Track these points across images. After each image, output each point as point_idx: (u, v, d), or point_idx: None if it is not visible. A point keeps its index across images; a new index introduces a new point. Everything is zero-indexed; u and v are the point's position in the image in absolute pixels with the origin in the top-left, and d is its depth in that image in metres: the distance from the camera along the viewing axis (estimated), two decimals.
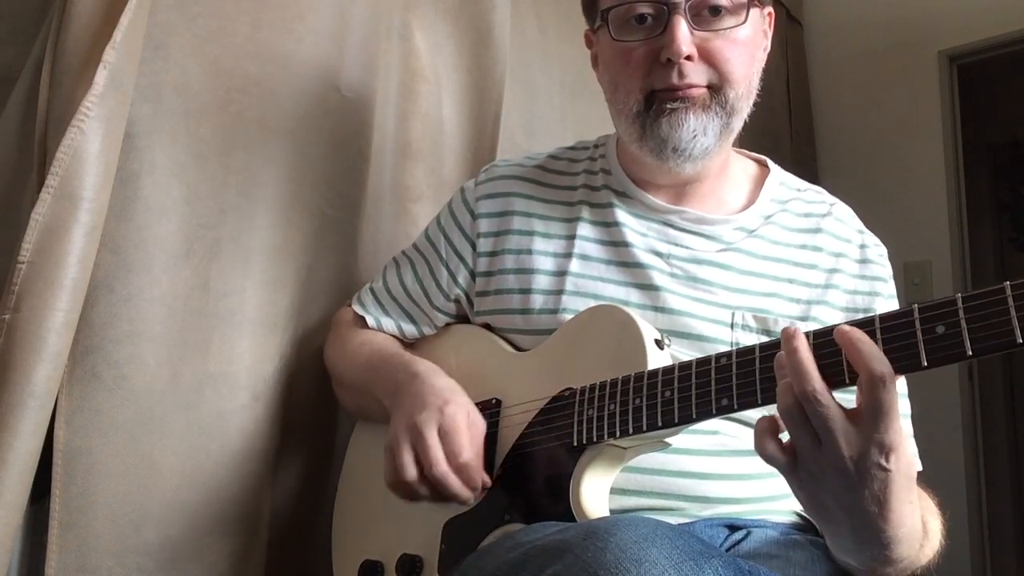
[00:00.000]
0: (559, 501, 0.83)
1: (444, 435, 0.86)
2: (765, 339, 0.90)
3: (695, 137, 0.91)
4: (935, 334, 0.63)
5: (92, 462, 1.00)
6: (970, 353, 0.62)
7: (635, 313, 0.87)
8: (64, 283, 0.91)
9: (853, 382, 0.65)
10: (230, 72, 1.12)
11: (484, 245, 1.05)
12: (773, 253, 0.99)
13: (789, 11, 2.50)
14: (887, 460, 0.64)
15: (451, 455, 0.85)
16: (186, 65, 1.09)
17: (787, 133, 2.44)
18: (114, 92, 0.95)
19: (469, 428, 0.88)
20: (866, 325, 0.67)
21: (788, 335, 0.67)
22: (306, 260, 1.20)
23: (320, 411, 1.23)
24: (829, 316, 0.96)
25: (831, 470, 0.65)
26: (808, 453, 0.66)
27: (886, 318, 0.66)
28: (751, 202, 1.02)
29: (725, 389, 0.73)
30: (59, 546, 0.97)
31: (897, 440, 0.64)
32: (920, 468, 0.93)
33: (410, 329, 1.12)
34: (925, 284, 2.30)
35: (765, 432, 0.69)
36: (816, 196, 1.07)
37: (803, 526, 0.90)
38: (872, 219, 1.07)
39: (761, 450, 0.69)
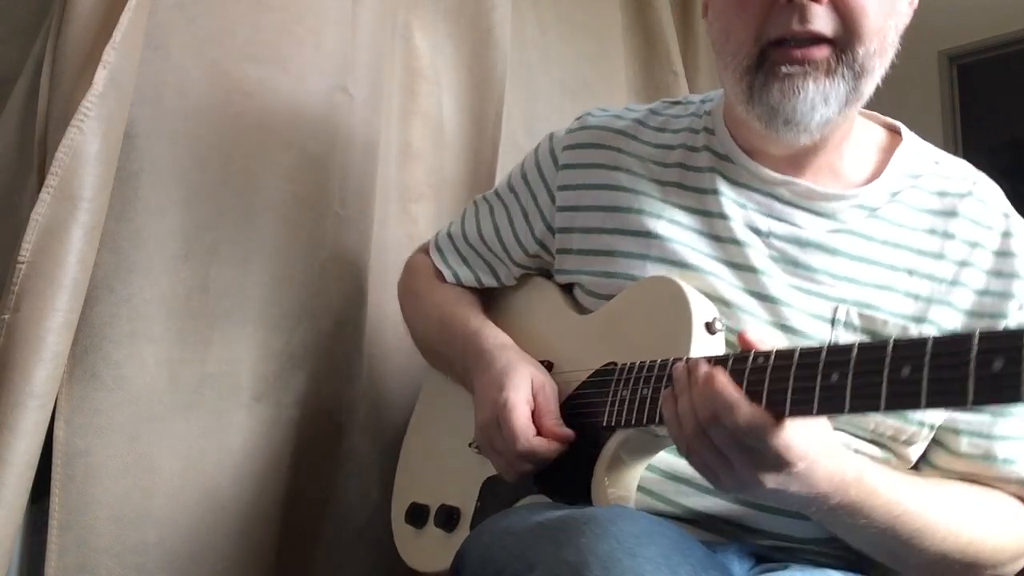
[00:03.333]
0: (583, 479, 0.80)
1: (502, 426, 0.84)
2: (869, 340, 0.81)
3: (814, 108, 0.79)
4: (990, 369, 0.54)
5: (92, 462, 1.00)
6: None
7: (690, 290, 0.79)
8: (64, 283, 0.91)
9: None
10: (230, 73, 1.12)
11: (566, 199, 0.96)
12: (894, 237, 0.85)
13: None
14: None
15: (511, 443, 0.83)
16: (186, 65, 1.09)
17: None
18: (114, 92, 0.95)
19: (527, 403, 0.85)
20: (918, 345, 0.59)
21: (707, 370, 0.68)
22: (315, 259, 1.20)
23: (324, 412, 1.22)
24: (950, 320, 0.83)
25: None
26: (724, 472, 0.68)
27: (940, 341, 0.58)
28: (876, 175, 0.88)
29: (757, 393, 0.65)
30: (59, 546, 0.97)
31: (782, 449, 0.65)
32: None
33: (488, 279, 1.07)
34: None
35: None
36: (957, 171, 0.91)
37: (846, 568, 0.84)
38: None
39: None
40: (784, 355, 0.66)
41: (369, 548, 1.23)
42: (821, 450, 0.67)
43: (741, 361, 0.68)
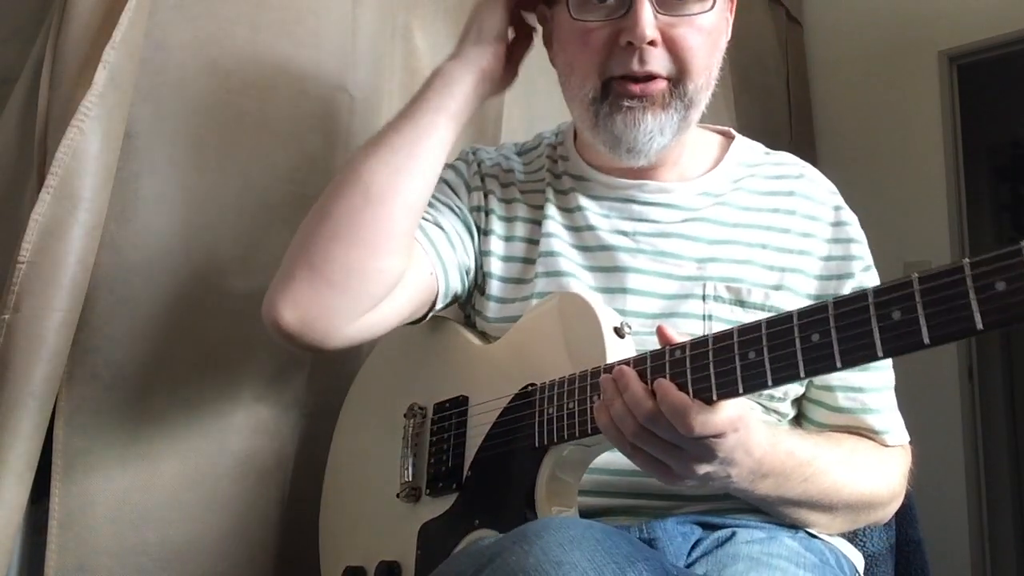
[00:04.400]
0: (525, 505, 0.80)
1: None
2: (739, 310, 0.90)
3: (651, 139, 0.88)
4: (891, 320, 0.58)
5: (92, 462, 1.00)
6: (927, 342, 0.57)
7: (594, 300, 0.84)
8: (64, 283, 0.91)
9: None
10: (229, 73, 1.12)
11: (478, 220, 1.01)
12: (744, 219, 0.95)
13: (789, 11, 2.51)
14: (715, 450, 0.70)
15: None
16: (186, 66, 1.09)
17: (787, 133, 2.44)
18: (114, 92, 0.95)
19: None
20: (819, 311, 0.63)
21: (619, 372, 0.71)
22: None
23: (324, 412, 1.22)
24: (803, 285, 0.93)
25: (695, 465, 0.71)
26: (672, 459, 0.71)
27: (840, 303, 0.62)
28: (715, 167, 0.99)
29: (681, 385, 0.69)
30: (59, 546, 0.97)
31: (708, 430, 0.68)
32: (908, 439, 0.96)
33: (447, 250, 0.96)
34: None
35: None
36: (787, 159, 1.03)
37: (788, 525, 0.89)
38: (872, 219, 1.07)
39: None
40: (698, 343, 0.70)
41: None
42: (748, 414, 0.72)
43: (659, 357, 0.72)
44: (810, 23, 2.61)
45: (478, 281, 1.01)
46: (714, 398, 0.68)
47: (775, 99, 2.41)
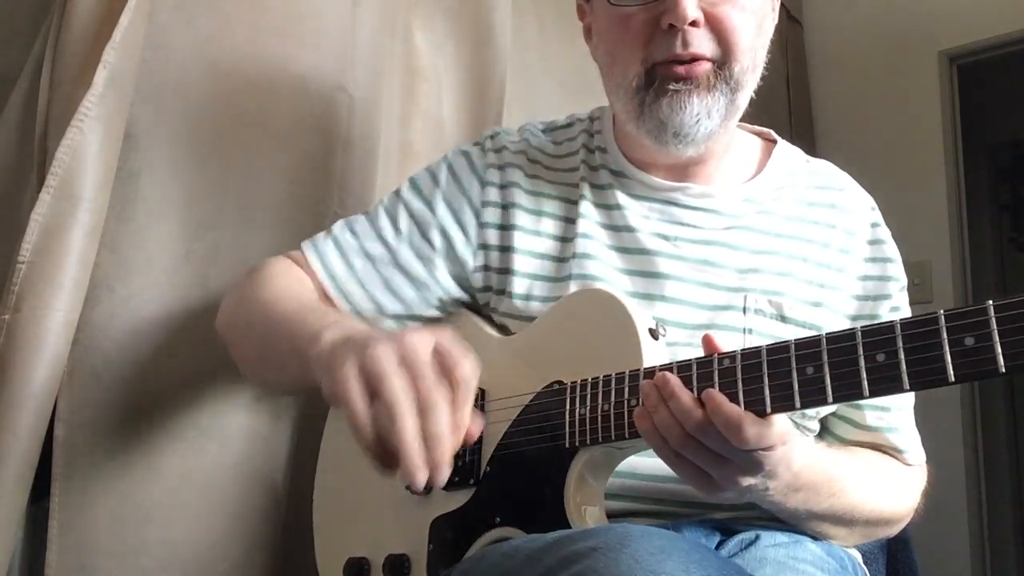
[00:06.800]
0: (553, 504, 0.78)
1: (407, 367, 0.64)
2: (779, 325, 0.88)
3: (698, 122, 0.85)
4: (963, 346, 0.57)
5: (92, 462, 1.00)
6: (1003, 370, 0.55)
7: (627, 299, 0.82)
8: (64, 283, 0.91)
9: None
10: (230, 73, 1.12)
11: (490, 216, 0.96)
12: (786, 230, 0.93)
13: (789, 11, 2.51)
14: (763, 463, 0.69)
15: (421, 401, 0.63)
16: (186, 66, 1.09)
17: (787, 133, 2.44)
18: (114, 92, 0.95)
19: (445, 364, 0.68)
20: (885, 331, 0.61)
21: (663, 379, 0.69)
22: None
23: (324, 412, 1.22)
24: (841, 304, 0.91)
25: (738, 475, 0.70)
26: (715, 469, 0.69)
27: (908, 324, 0.60)
28: (759, 172, 0.97)
29: (732, 395, 0.67)
30: (59, 546, 0.97)
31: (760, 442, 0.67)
32: (924, 458, 0.96)
33: (393, 305, 0.96)
34: (925, 284, 2.30)
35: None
36: (828, 168, 1.02)
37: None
38: None
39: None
40: (750, 354, 0.68)
41: None
42: (790, 428, 0.70)
43: (706, 365, 0.70)
44: (810, 23, 2.61)
45: (490, 284, 0.96)
46: (768, 411, 0.66)
47: (775, 99, 2.41)
